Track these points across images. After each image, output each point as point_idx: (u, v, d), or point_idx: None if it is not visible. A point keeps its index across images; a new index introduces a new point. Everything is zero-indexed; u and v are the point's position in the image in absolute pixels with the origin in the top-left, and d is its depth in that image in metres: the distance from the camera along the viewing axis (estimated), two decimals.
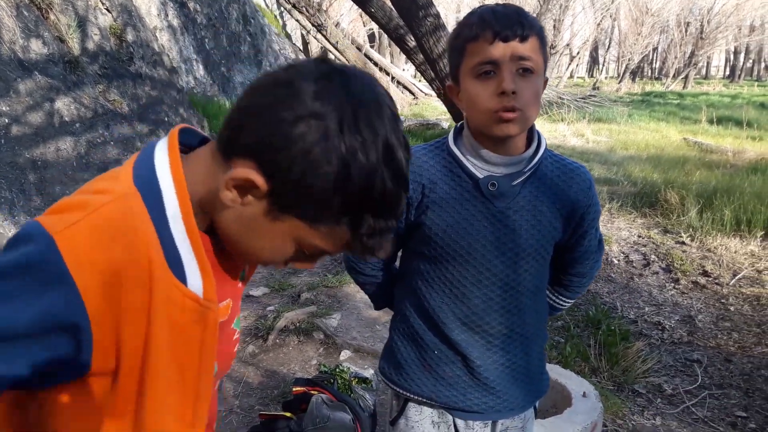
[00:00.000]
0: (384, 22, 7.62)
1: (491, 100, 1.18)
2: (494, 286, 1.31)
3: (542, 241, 1.32)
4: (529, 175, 1.29)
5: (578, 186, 1.33)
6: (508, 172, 1.27)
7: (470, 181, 1.29)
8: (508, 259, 1.30)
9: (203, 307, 0.77)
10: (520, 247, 1.30)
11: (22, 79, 4.54)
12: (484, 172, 1.28)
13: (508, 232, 1.29)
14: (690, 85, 35.21)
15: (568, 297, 1.52)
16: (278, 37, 16.61)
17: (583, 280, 1.49)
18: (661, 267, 4.90)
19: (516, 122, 1.19)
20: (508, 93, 1.16)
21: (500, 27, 1.16)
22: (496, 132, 1.22)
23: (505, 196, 1.28)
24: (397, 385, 1.44)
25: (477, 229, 1.29)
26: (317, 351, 3.59)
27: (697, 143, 10.74)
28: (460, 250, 1.30)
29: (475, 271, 1.31)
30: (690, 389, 3.31)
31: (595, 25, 31.56)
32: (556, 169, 1.34)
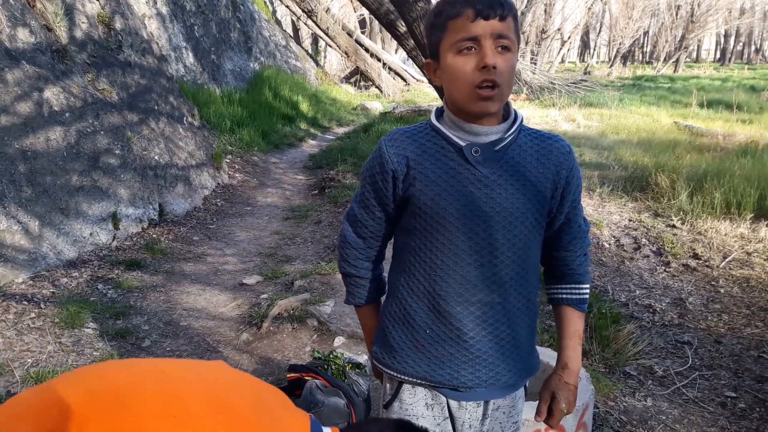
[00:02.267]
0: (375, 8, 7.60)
1: (473, 74, 1.24)
2: (484, 252, 1.34)
3: (528, 204, 1.34)
4: (510, 141, 1.33)
5: (558, 150, 1.38)
6: (489, 140, 1.32)
7: (454, 150, 1.33)
8: (497, 224, 1.32)
9: None
10: (508, 211, 1.32)
11: (10, 68, 4.50)
12: (466, 141, 1.32)
13: (495, 196, 1.32)
14: (681, 68, 35.26)
15: (583, 282, 1.50)
16: (268, 23, 16.48)
17: (585, 258, 1.50)
18: (652, 250, 4.94)
19: (494, 99, 1.26)
20: (489, 67, 1.22)
21: (482, 6, 1.22)
22: (474, 108, 1.28)
23: (490, 161, 1.32)
24: (391, 368, 1.45)
25: (464, 194, 1.31)
26: (311, 338, 3.61)
27: (687, 127, 10.77)
28: (449, 217, 1.32)
29: (465, 237, 1.33)
30: (680, 371, 3.35)
31: (586, 9, 31.53)
32: (534, 138, 1.39)
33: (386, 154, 1.36)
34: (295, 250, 5.38)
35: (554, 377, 1.49)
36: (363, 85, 20.78)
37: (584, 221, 1.48)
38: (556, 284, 1.52)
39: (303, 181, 8.19)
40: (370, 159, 1.43)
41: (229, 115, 9.51)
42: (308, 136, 11.56)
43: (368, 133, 10.45)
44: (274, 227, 6.09)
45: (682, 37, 35.25)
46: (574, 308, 1.49)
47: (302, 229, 5.97)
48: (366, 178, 1.43)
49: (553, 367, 1.51)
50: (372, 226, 1.46)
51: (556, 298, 1.52)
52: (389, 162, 1.36)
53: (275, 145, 10.01)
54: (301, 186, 7.92)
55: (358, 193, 1.48)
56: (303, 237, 5.73)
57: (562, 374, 1.47)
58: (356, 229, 1.49)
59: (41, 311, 3.68)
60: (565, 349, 1.48)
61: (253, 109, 10.55)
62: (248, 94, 11.39)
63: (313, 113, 13.22)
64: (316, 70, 18.92)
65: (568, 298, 1.50)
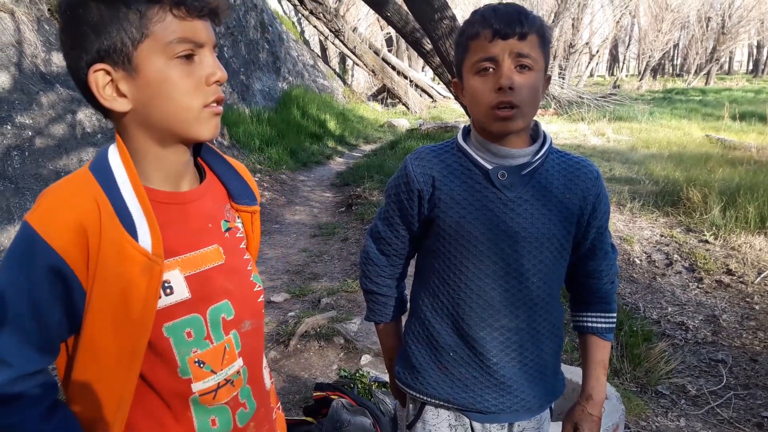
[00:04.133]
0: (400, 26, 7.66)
1: (490, 95, 1.23)
2: (509, 277, 1.32)
3: (554, 229, 1.32)
4: (537, 165, 1.31)
5: (586, 176, 1.36)
6: (517, 164, 1.30)
7: (480, 172, 1.31)
8: (523, 248, 1.30)
9: (151, 261, 0.92)
10: (533, 236, 1.30)
11: (44, 92, 4.64)
12: (493, 163, 1.30)
13: (521, 221, 1.30)
14: (712, 81, 34.75)
15: (609, 310, 1.48)
16: (296, 43, 16.73)
17: (612, 286, 1.48)
18: (684, 266, 4.85)
19: (513, 119, 1.23)
20: (504, 88, 1.20)
21: (499, 25, 1.20)
22: (494, 129, 1.27)
23: (516, 186, 1.30)
24: (413, 389, 1.44)
25: (489, 218, 1.30)
26: (338, 356, 3.61)
27: (719, 140, 10.59)
28: (474, 241, 1.31)
29: (490, 262, 1.31)
30: (715, 390, 3.27)
31: (615, 22, 31.31)
32: (562, 162, 1.36)
33: (412, 173, 1.35)
34: (323, 267, 5.40)
35: (578, 408, 1.47)
36: (390, 102, 20.90)
37: (612, 248, 1.46)
38: (582, 311, 1.49)
39: (330, 198, 8.24)
40: (395, 177, 1.42)
41: (258, 135, 9.64)
42: (336, 154, 11.64)
43: (395, 150, 10.48)
44: (301, 245, 6.13)
45: (713, 49, 34.78)
46: (600, 337, 1.47)
47: (329, 247, 5.99)
48: (391, 195, 1.42)
49: (579, 384, 1.49)
50: (396, 244, 1.46)
51: (582, 326, 1.49)
52: (415, 181, 1.35)
53: (303, 163, 10.10)
54: (329, 203, 7.97)
55: (382, 210, 1.48)
56: (330, 254, 5.75)
57: (585, 405, 1.45)
58: (379, 246, 1.48)
59: None
60: (589, 379, 1.46)
61: (282, 128, 10.68)
62: (277, 114, 11.54)
63: (340, 131, 13.33)
64: (344, 89, 19.11)
65: (593, 327, 1.47)
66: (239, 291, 1.09)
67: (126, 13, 0.90)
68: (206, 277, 1.03)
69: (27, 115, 4.38)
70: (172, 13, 0.91)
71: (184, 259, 1.00)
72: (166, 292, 0.97)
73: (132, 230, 0.91)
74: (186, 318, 1.00)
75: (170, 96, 0.94)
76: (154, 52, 0.92)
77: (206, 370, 1.03)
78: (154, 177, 0.99)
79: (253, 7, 12.98)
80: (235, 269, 1.09)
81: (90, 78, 0.91)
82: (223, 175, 1.13)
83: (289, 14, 22.00)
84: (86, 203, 0.89)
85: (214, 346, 1.03)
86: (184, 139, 0.99)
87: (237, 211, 1.14)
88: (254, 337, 1.13)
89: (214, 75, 0.96)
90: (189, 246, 1.01)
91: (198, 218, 1.04)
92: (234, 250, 1.10)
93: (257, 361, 1.17)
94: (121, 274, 0.90)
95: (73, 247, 0.88)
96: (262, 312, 1.18)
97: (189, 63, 0.94)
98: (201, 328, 1.02)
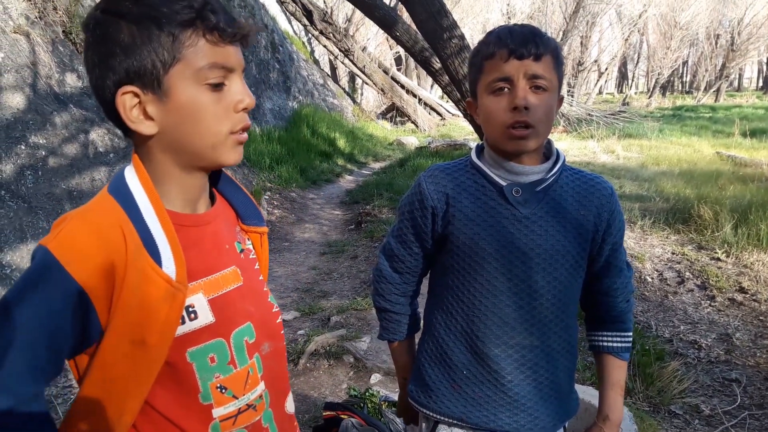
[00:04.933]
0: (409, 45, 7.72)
1: (505, 114, 1.24)
2: (524, 294, 1.31)
3: (569, 246, 1.32)
4: (551, 182, 1.31)
5: (600, 193, 1.36)
6: (531, 180, 1.31)
7: (494, 189, 1.32)
8: (537, 265, 1.30)
9: (174, 288, 0.91)
10: (548, 253, 1.30)
11: (58, 112, 4.70)
12: (507, 180, 1.31)
13: (535, 238, 1.30)
14: (722, 98, 34.67)
15: (625, 330, 1.47)
16: (306, 63, 16.87)
17: (627, 305, 1.47)
18: (696, 284, 4.81)
19: (528, 138, 1.25)
20: (520, 108, 1.22)
21: (515, 45, 1.22)
22: (509, 148, 1.28)
23: (530, 202, 1.30)
24: (427, 408, 1.43)
25: (504, 235, 1.30)
26: (347, 375, 3.60)
27: (730, 157, 10.54)
28: (488, 257, 1.31)
29: (504, 279, 1.31)
30: (729, 410, 3.22)
31: (623, 40, 31.40)
32: (576, 179, 1.37)
33: (426, 190, 1.36)
34: (332, 285, 5.40)
35: (594, 428, 1.46)
36: (399, 120, 20.99)
37: (627, 266, 1.45)
38: (598, 331, 1.48)
39: (340, 216, 8.26)
40: (408, 194, 1.43)
41: (269, 153, 9.70)
42: (345, 172, 11.69)
43: (404, 168, 10.51)
44: (311, 262, 6.14)
45: (722, 66, 34.74)
46: (616, 357, 1.45)
47: (339, 264, 5.99)
48: (404, 213, 1.43)
49: (595, 405, 1.48)
50: (409, 261, 1.46)
51: (597, 346, 1.48)
52: (429, 198, 1.35)
53: (313, 181, 10.14)
54: (338, 221, 7.98)
55: (395, 228, 1.48)
56: (339, 272, 5.75)
57: (602, 426, 1.44)
58: (393, 264, 1.48)
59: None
60: (605, 400, 1.45)
61: (292, 147, 10.74)
62: (287, 132, 11.61)
63: (350, 149, 13.39)
64: (353, 107, 19.21)
65: (609, 346, 1.46)
66: (259, 312, 1.08)
67: (158, 35, 0.88)
68: (228, 299, 1.01)
69: (40, 135, 4.43)
70: (205, 38, 0.90)
71: (207, 282, 0.99)
72: (191, 317, 0.95)
73: (156, 256, 0.90)
74: (210, 343, 0.98)
75: (199, 121, 0.93)
76: (186, 76, 0.90)
77: (228, 395, 1.00)
78: (174, 200, 0.98)
79: (263, 28, 13.12)
80: (253, 290, 1.09)
81: (118, 100, 0.90)
82: (232, 196, 1.13)
83: (299, 34, 22.21)
84: (113, 232, 0.87)
85: (237, 371, 1.01)
86: (209, 164, 0.98)
87: (246, 232, 1.13)
88: (275, 359, 1.12)
89: (242, 102, 0.95)
90: (210, 268, 1.00)
91: (216, 240, 1.03)
92: (250, 271, 1.10)
93: (280, 385, 1.14)
94: (143, 300, 0.88)
95: (96, 280, 0.85)
96: (282, 333, 1.16)
97: (219, 90, 0.93)
98: (225, 353, 1.00)
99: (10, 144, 4.16)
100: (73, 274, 0.84)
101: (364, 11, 7.79)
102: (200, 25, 0.89)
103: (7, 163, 4.08)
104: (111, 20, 0.89)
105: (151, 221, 0.91)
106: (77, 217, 0.89)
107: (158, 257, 0.90)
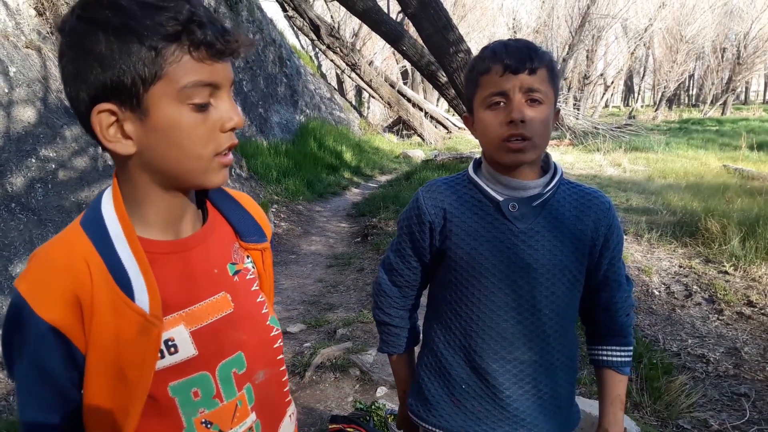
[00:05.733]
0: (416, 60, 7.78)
1: (501, 128, 1.25)
2: (522, 309, 1.32)
3: (567, 261, 1.32)
4: (549, 197, 1.32)
5: (597, 207, 1.36)
6: (528, 195, 1.31)
7: (491, 204, 1.32)
8: (535, 280, 1.31)
9: (148, 321, 0.86)
10: (546, 267, 1.31)
11: (68, 125, 4.75)
12: (504, 195, 1.32)
13: (532, 253, 1.30)
14: (729, 111, 34.62)
15: (625, 344, 1.46)
16: (313, 77, 16.98)
17: (627, 319, 1.46)
18: (704, 298, 4.79)
19: (524, 151, 1.25)
20: (516, 122, 1.22)
21: (510, 60, 1.23)
22: (505, 160, 1.28)
23: (527, 217, 1.31)
24: (427, 422, 1.44)
25: (501, 250, 1.30)
26: (353, 387, 3.59)
27: (737, 170, 10.52)
28: (486, 273, 1.31)
29: (502, 294, 1.31)
30: (738, 424, 3.20)
31: (629, 53, 31.48)
32: (574, 193, 1.37)
33: (424, 205, 1.37)
34: (338, 297, 5.41)
35: None
36: (405, 133, 21.05)
37: (627, 280, 1.45)
38: (598, 345, 1.48)
39: (346, 228, 8.27)
40: (407, 209, 1.44)
41: (276, 166, 9.75)
42: (352, 185, 11.72)
43: (410, 181, 10.53)
44: (317, 275, 6.15)
45: (729, 79, 34.75)
46: (616, 371, 1.45)
47: (345, 277, 6.00)
48: (403, 228, 1.44)
49: (590, 414, 1.48)
50: (408, 275, 1.47)
51: (598, 360, 1.48)
52: (426, 213, 1.36)
53: (320, 194, 10.17)
54: (345, 234, 8.00)
55: (394, 242, 1.49)
56: (346, 285, 5.76)
57: None
58: (392, 278, 1.49)
59: None
60: (606, 415, 1.45)
61: (299, 160, 10.79)
62: (294, 146, 11.67)
63: (356, 162, 13.43)
64: (360, 121, 19.29)
65: (609, 361, 1.46)
66: (254, 339, 1.02)
67: (139, 49, 0.80)
68: (214, 330, 0.96)
69: (51, 149, 4.48)
70: (190, 53, 0.82)
71: (189, 313, 0.93)
72: (170, 351, 0.90)
73: (128, 289, 0.85)
74: (193, 377, 0.93)
75: (180, 144, 0.85)
76: (167, 95, 0.82)
77: (214, 430, 0.96)
78: (153, 223, 0.93)
79: (271, 42, 13.23)
80: (249, 315, 1.02)
81: (93, 118, 0.83)
82: (229, 213, 1.05)
83: (306, 49, 22.38)
84: (76, 267, 0.84)
85: (223, 405, 0.97)
86: (190, 186, 0.93)
87: (246, 249, 1.06)
88: (271, 385, 1.07)
89: (230, 121, 0.88)
90: (193, 298, 0.94)
91: (201, 265, 0.97)
92: (245, 294, 1.03)
93: (274, 411, 1.09)
94: (119, 335, 0.85)
95: (65, 317, 0.84)
96: (280, 359, 1.09)
97: (204, 110, 0.86)
98: (210, 387, 0.95)
99: (21, 157, 4.20)
100: (41, 315, 0.83)
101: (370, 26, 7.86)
102: (185, 40, 0.81)
103: (17, 175, 4.12)
104: (87, 29, 0.80)
105: (122, 251, 0.87)
106: (42, 254, 0.86)
107: (130, 290, 0.85)
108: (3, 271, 3.77)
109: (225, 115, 0.88)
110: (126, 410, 0.89)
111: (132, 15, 0.79)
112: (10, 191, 4.03)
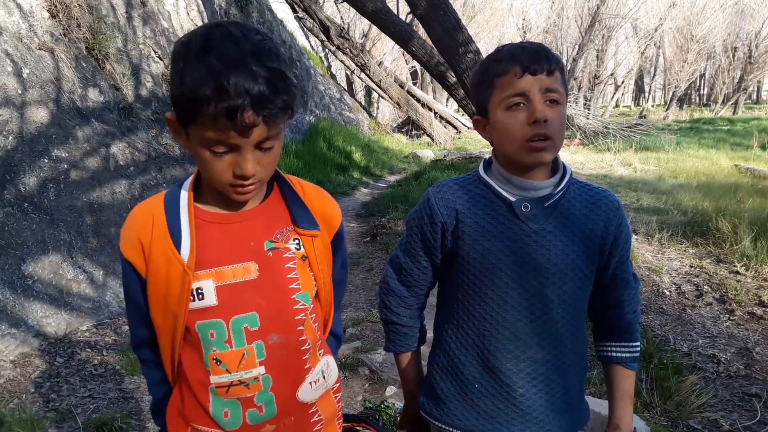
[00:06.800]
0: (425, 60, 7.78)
1: (523, 128, 1.26)
2: (534, 308, 1.33)
3: (578, 260, 1.33)
4: (560, 197, 1.33)
5: (607, 206, 1.38)
6: (539, 195, 1.32)
7: (503, 204, 1.33)
8: (547, 280, 1.32)
9: (185, 271, 1.14)
10: (558, 267, 1.32)
11: (80, 126, 4.78)
12: (516, 196, 1.33)
13: (545, 252, 1.31)
14: (740, 110, 34.38)
15: (633, 340, 1.47)
16: (323, 77, 17.02)
17: (634, 315, 1.47)
18: (715, 298, 4.76)
19: (547, 150, 1.27)
20: (540, 121, 1.24)
21: (529, 62, 1.25)
22: (527, 160, 1.29)
23: (539, 217, 1.32)
24: (439, 420, 1.45)
25: (514, 250, 1.31)
26: (363, 386, 3.60)
27: (749, 170, 10.45)
28: (499, 273, 1.32)
29: (515, 293, 1.32)
30: (749, 425, 3.18)
31: (639, 53, 31.32)
32: (583, 193, 1.38)
33: (435, 205, 1.38)
34: (347, 297, 5.41)
35: None
36: (414, 133, 21.05)
37: (634, 277, 1.46)
38: (606, 341, 1.49)
39: (355, 228, 8.28)
40: (417, 209, 1.44)
41: (285, 166, 9.78)
42: (361, 185, 11.73)
43: (419, 181, 10.53)
44: None
45: (740, 78, 34.49)
46: (625, 367, 1.46)
47: (354, 276, 6.01)
48: (413, 227, 1.44)
49: (600, 414, 1.48)
50: (417, 275, 1.47)
51: (606, 356, 1.49)
52: (439, 214, 1.37)
53: (329, 193, 10.18)
54: (354, 233, 8.01)
55: (403, 241, 1.49)
56: (355, 284, 5.77)
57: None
58: (401, 277, 1.50)
59: (104, 358, 3.81)
60: (615, 410, 1.46)
61: (309, 160, 10.82)
62: (304, 146, 11.70)
63: (365, 162, 13.44)
64: (369, 121, 19.31)
65: (617, 356, 1.47)
66: (271, 306, 1.21)
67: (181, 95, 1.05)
68: (237, 289, 1.18)
69: (63, 149, 4.52)
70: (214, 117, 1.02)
71: (218, 271, 1.17)
72: (199, 297, 1.16)
73: (177, 243, 1.14)
74: (211, 321, 1.18)
75: (203, 167, 1.12)
76: (195, 135, 1.07)
77: (222, 368, 1.19)
78: (209, 200, 1.20)
79: (281, 44, 13.27)
80: (272, 285, 1.21)
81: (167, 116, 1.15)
82: (288, 200, 1.26)
83: (316, 50, 22.42)
84: (144, 220, 1.17)
85: (232, 350, 1.19)
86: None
87: (299, 234, 1.25)
88: (286, 350, 1.23)
89: (238, 169, 1.09)
90: (223, 260, 1.18)
91: (239, 236, 1.20)
92: (275, 268, 1.22)
93: (290, 374, 1.25)
94: (168, 274, 1.15)
95: (135, 256, 1.17)
96: (300, 329, 1.25)
97: (218, 156, 1.08)
98: (222, 332, 1.18)
99: (33, 157, 4.24)
100: (123, 252, 1.19)
101: (380, 27, 7.87)
102: (213, 104, 1.00)
103: (30, 176, 4.16)
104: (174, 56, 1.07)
105: (182, 216, 1.16)
106: (133, 209, 1.21)
107: (179, 244, 1.15)
108: (16, 270, 3.81)
109: (235, 163, 1.08)
110: (173, 332, 1.18)
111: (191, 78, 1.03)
112: (23, 191, 4.06)
